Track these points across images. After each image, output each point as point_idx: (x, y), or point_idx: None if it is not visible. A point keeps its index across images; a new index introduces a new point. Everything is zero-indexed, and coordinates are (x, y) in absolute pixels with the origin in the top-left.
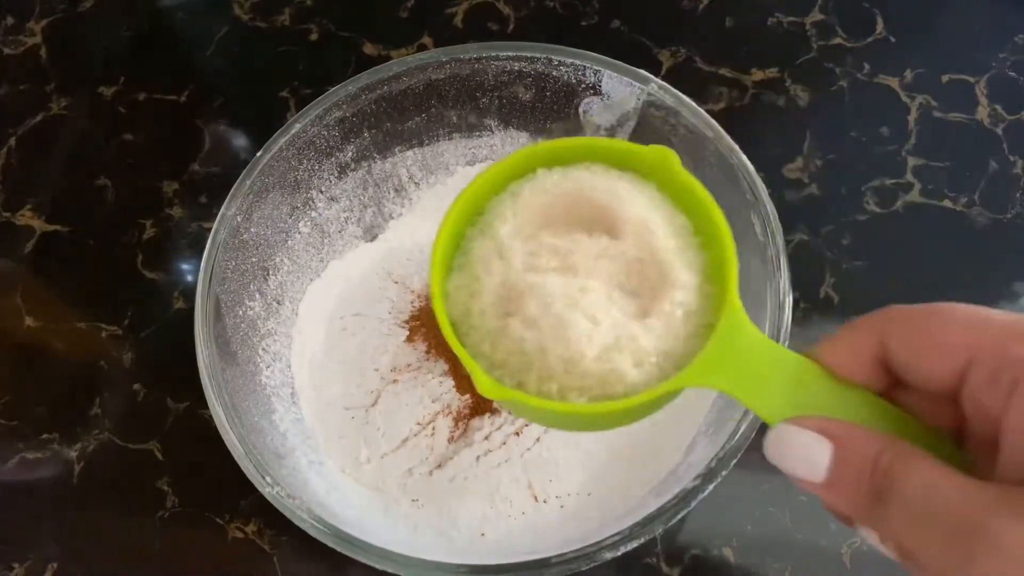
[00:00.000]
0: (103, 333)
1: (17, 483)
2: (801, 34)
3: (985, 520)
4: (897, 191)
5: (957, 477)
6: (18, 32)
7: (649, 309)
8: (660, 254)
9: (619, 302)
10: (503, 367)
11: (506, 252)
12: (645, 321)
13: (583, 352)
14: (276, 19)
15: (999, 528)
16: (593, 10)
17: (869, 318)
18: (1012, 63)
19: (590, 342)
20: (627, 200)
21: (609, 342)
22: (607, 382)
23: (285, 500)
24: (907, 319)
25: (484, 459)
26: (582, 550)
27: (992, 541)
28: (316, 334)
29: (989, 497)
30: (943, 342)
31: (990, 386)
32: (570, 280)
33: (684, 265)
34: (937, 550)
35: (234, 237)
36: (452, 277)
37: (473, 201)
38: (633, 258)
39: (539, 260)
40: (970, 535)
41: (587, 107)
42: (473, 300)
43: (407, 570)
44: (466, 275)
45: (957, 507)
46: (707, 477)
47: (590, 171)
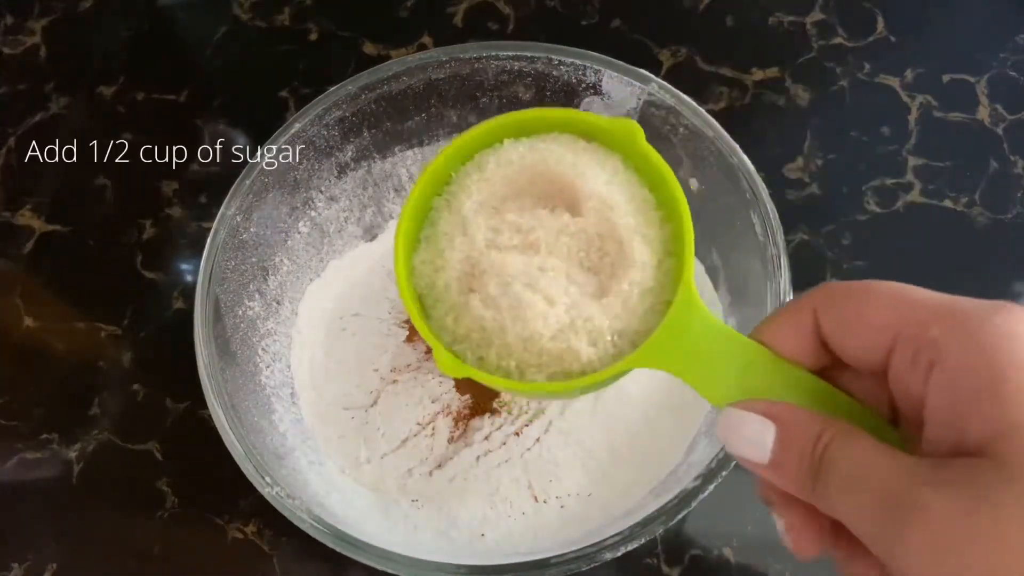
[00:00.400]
0: (102, 333)
1: (17, 483)
2: (801, 34)
3: (914, 491)
4: (897, 191)
5: (889, 453)
6: (18, 31)
7: (607, 287)
8: (619, 231)
9: (578, 280)
10: (465, 341)
11: (469, 228)
12: (602, 300)
13: (540, 332)
14: (276, 19)
15: (927, 498)
16: (593, 10)
17: (807, 296)
18: (1013, 63)
19: (546, 323)
20: (590, 176)
21: (565, 323)
22: (564, 360)
23: (285, 500)
24: (838, 296)
25: (484, 459)
26: (582, 550)
27: (921, 509)
28: (316, 334)
29: (918, 470)
30: (869, 321)
31: (911, 366)
32: (530, 258)
33: (643, 242)
34: (871, 521)
35: (234, 237)
36: (419, 251)
37: (439, 173)
38: (593, 235)
39: (501, 237)
40: (901, 506)
41: (587, 107)
42: (438, 275)
43: (407, 570)
44: (432, 250)
45: (889, 480)
46: (707, 477)
47: (557, 142)
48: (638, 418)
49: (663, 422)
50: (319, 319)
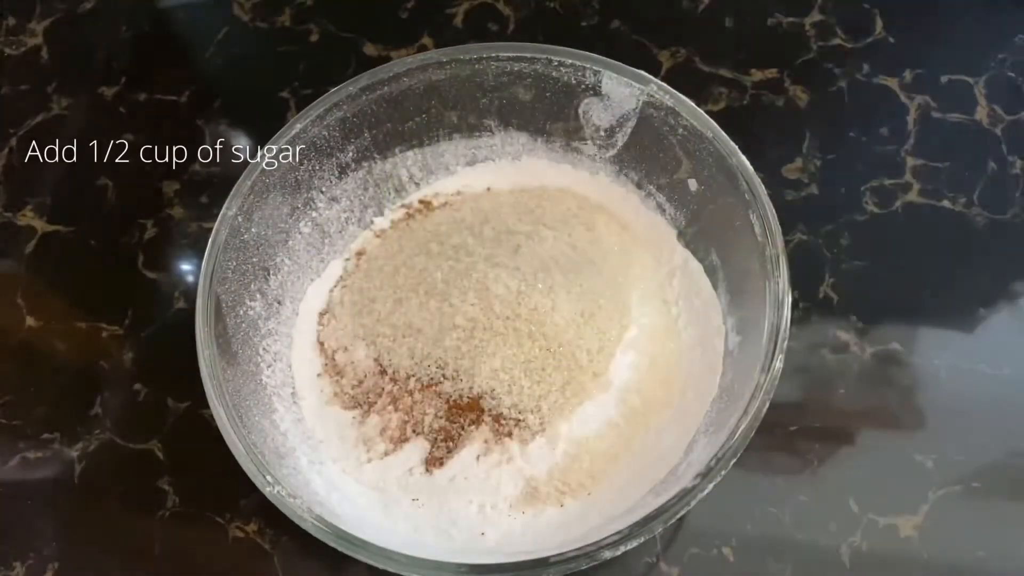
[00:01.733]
0: (104, 333)
1: (18, 482)
2: (801, 34)
3: None
4: (896, 191)
5: None
6: (19, 32)
7: None
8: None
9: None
10: None
11: None
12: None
13: None
14: (276, 19)
15: None
16: (593, 10)
17: None
18: (1011, 63)
19: None
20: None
21: None
22: None
23: (286, 499)
24: None
25: (484, 458)
26: (582, 549)
27: None
28: (317, 334)
29: None
30: None
31: None
32: None
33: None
34: None
35: (235, 237)
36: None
37: None
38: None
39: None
40: None
41: (587, 108)
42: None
43: (407, 569)
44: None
45: None
46: (707, 476)
47: None
48: (637, 417)
49: (662, 421)
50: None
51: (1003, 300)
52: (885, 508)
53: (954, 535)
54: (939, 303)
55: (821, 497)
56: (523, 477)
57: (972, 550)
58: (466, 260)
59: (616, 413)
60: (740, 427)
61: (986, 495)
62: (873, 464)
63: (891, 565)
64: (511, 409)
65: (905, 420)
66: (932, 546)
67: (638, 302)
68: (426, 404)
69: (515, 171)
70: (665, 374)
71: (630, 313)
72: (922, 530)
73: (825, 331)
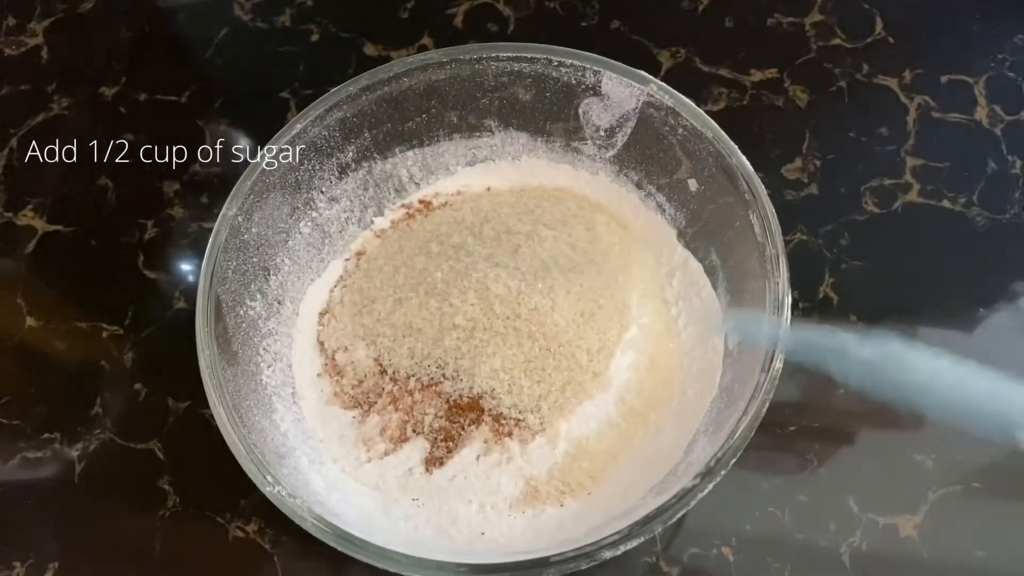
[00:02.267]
0: (104, 333)
1: (19, 482)
2: (800, 34)
3: None
4: (896, 191)
5: None
6: (19, 32)
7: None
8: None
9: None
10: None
11: None
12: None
13: None
14: (276, 19)
15: None
16: (593, 10)
17: None
18: (1011, 64)
19: None
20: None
21: None
22: None
23: (286, 499)
24: None
25: (484, 458)
26: (582, 549)
27: None
28: (317, 334)
29: None
30: None
31: None
32: None
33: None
34: None
35: (235, 237)
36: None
37: None
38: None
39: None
40: None
41: (587, 108)
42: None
43: (407, 569)
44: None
45: None
46: (707, 476)
47: None
48: (637, 417)
49: (662, 421)
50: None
51: (1002, 300)
52: (885, 508)
53: (954, 535)
54: (939, 303)
55: (821, 497)
56: (523, 477)
57: (972, 550)
58: (466, 260)
59: (616, 413)
60: (740, 427)
61: (986, 495)
62: (873, 464)
63: (891, 565)
64: (511, 409)
65: (905, 420)
66: (932, 546)
67: (638, 302)
68: (426, 404)
69: (515, 171)
70: (665, 374)
71: (630, 313)
72: (922, 530)
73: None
